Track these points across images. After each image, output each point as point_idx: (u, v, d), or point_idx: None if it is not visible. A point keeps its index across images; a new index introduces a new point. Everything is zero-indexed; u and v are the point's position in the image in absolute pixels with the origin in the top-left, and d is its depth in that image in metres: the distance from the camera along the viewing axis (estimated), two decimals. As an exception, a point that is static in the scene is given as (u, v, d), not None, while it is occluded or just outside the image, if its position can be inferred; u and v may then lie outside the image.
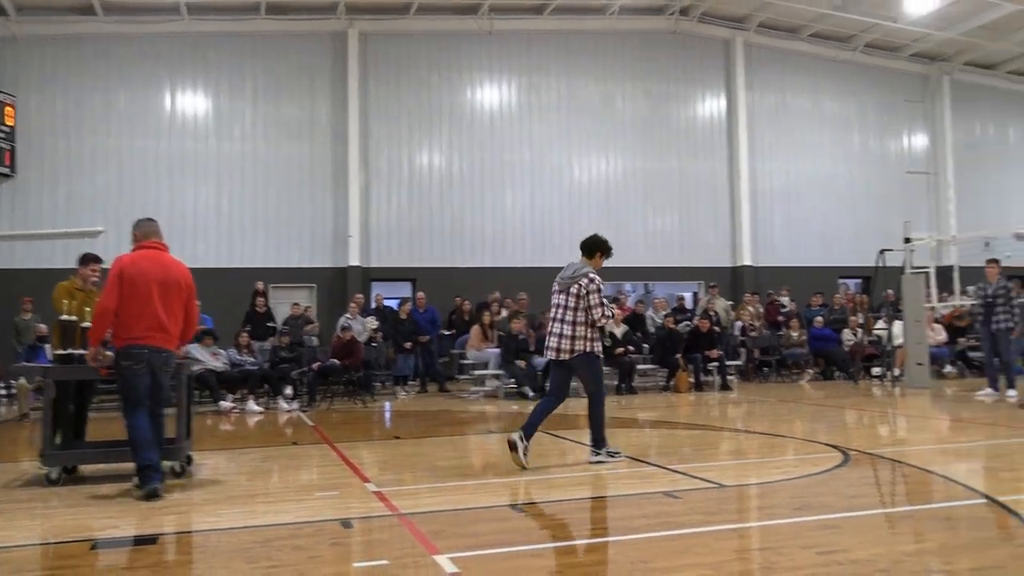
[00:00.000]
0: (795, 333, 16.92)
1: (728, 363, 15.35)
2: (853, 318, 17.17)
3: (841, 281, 21.15)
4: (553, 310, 7.23)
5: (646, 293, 23.69)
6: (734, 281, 20.30)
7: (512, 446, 6.92)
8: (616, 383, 14.30)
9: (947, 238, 18.24)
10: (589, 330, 7.08)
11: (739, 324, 17.01)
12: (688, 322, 16.34)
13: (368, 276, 17.90)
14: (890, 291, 17.01)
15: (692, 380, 14.67)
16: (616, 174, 20.14)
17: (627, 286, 23.38)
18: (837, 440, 8.49)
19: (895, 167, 22.25)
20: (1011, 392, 12.15)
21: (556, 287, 7.25)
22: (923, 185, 22.48)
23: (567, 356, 7.11)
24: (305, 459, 7.86)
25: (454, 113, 19.13)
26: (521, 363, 13.66)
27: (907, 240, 15.00)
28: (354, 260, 17.35)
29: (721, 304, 17.48)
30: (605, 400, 7.20)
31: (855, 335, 16.77)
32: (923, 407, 12.18)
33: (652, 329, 16.09)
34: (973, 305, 17.17)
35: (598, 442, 7.20)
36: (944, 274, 15.84)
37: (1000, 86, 23.40)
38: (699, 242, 20.40)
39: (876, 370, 15.93)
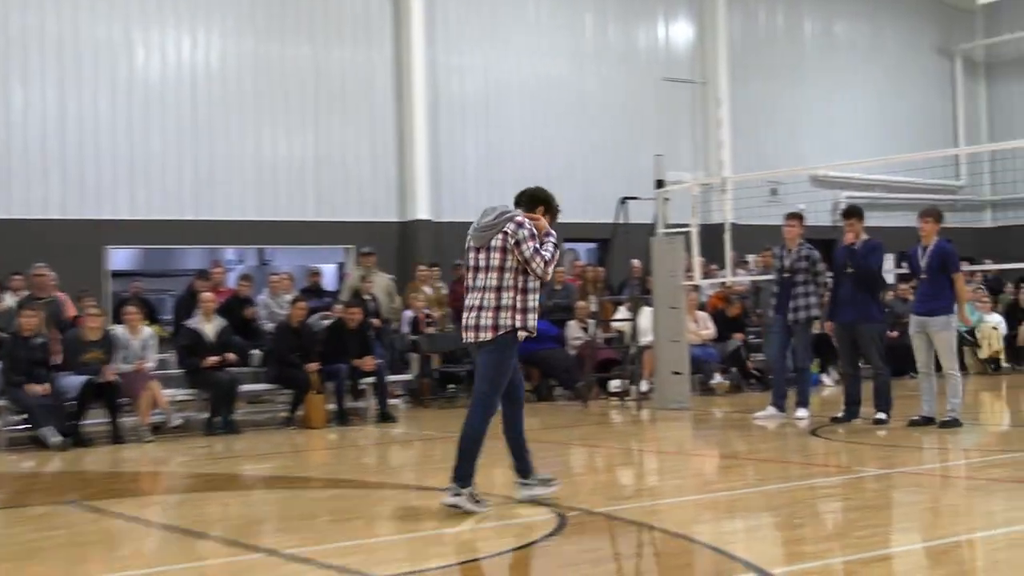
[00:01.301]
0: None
1: (391, 378, 15.50)
2: (582, 304, 17.96)
3: (567, 246, 22.09)
4: (469, 276, 7.92)
5: (259, 265, 23.17)
6: (403, 246, 20.47)
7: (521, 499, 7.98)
8: (208, 415, 13.82)
9: (716, 180, 19.62)
10: (520, 298, 7.78)
11: (409, 314, 17.14)
12: (327, 312, 16.29)
13: None
14: (636, 261, 17.91)
15: (333, 407, 14.62)
16: (207, 63, 19.36)
17: (228, 253, 22.78)
18: (562, 493, 8.65)
19: (646, 73, 23.70)
20: (801, 412, 13.28)
21: (470, 242, 7.97)
22: (685, 101, 24.18)
23: (488, 335, 7.76)
24: None
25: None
26: (37, 388, 12.69)
27: (659, 184, 15.86)
28: None
29: (382, 283, 17.56)
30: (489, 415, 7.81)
31: (584, 330, 17.52)
32: (681, 438, 12.92)
33: (266, 325, 15.72)
34: (757, 284, 18.75)
35: (462, 476, 7.76)
36: (715, 235, 17.00)
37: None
38: (345, 182, 20.30)
39: (615, 383, 16.73)
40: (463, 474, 7.77)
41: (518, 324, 7.78)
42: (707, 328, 17.51)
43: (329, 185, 20.26)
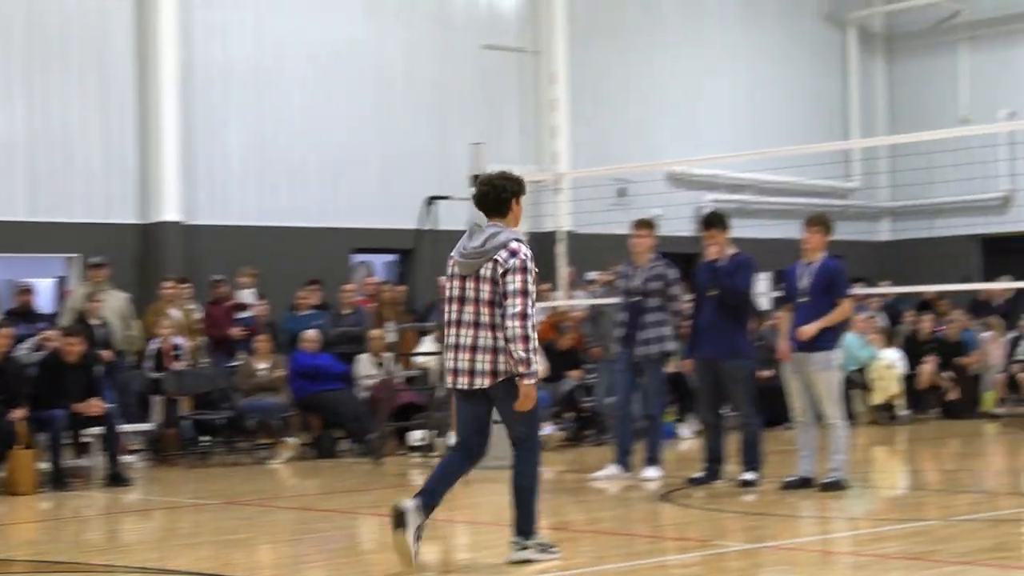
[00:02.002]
0: (265, 364, 17.29)
1: (125, 428, 15.37)
2: (376, 333, 18.02)
3: (358, 259, 22.04)
4: (452, 309, 8.81)
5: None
6: (146, 257, 20.18)
7: (399, 519, 8.52)
8: None
9: (549, 176, 19.88)
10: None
11: (155, 345, 17.03)
12: (40, 341, 16.10)
13: None
14: (445, 279, 17.98)
15: (47, 466, 14.42)
16: None
17: None
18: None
19: (463, 39, 23.85)
20: (650, 472, 13.54)
21: (454, 269, 8.82)
22: (512, 76, 24.46)
23: (486, 382, 8.72)
24: None
25: None
26: None
27: (477, 180, 15.88)
28: None
29: (115, 303, 17.38)
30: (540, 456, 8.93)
31: (379, 367, 17.55)
32: (500, 504, 12.90)
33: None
34: (600, 309, 19.05)
35: (526, 529, 8.89)
36: (546, 246, 17.27)
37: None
38: (66, 170, 19.93)
39: (418, 434, 16.87)
40: (526, 527, 8.90)
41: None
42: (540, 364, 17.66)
43: (46, 174, 19.83)
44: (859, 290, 19.67)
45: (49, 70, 19.92)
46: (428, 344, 17.67)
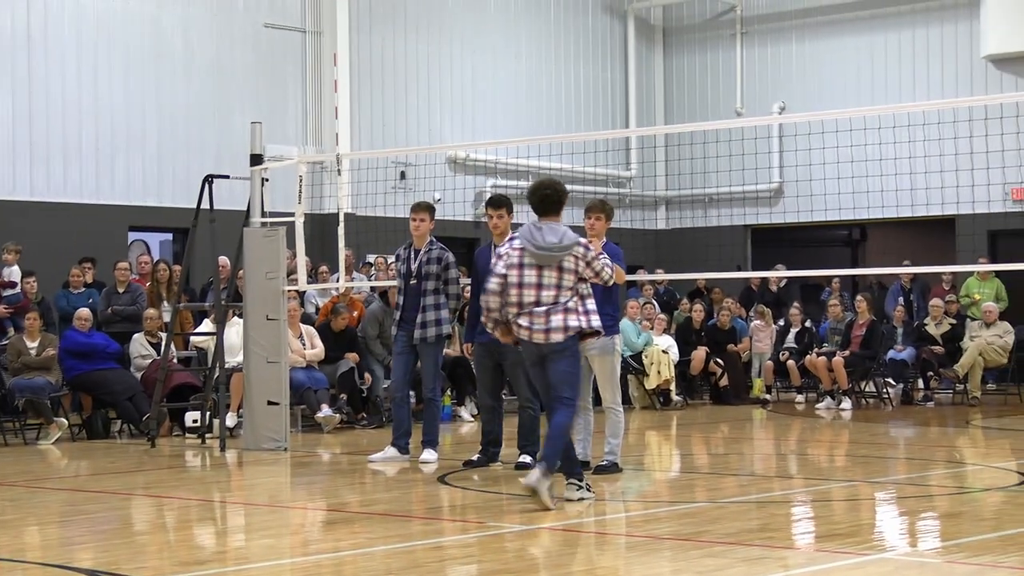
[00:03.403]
0: (35, 342, 16.96)
1: None
2: (151, 312, 17.79)
3: (134, 237, 21.73)
4: (528, 293, 10.64)
5: None
6: None
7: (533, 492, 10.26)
8: None
9: (330, 157, 19.78)
10: (582, 302, 10.72)
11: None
12: None
13: None
14: (224, 259, 17.86)
15: None
16: None
17: None
18: (112, 558, 8.69)
19: (244, 17, 23.56)
20: (428, 454, 13.57)
21: (524, 259, 10.66)
22: (294, 56, 24.28)
23: (561, 337, 10.58)
24: None
25: None
26: None
27: (256, 159, 15.89)
28: None
29: None
30: None
31: (154, 347, 17.37)
32: (276, 486, 13.13)
33: None
34: (381, 292, 19.03)
35: (578, 472, 10.85)
36: (328, 228, 17.19)
37: None
38: None
39: (193, 416, 16.65)
40: (574, 469, 10.74)
41: (583, 325, 10.59)
42: (314, 347, 17.64)
43: None
44: (641, 277, 20.05)
45: None
46: (206, 325, 17.46)
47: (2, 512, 11.17)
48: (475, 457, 13.15)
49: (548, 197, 10.77)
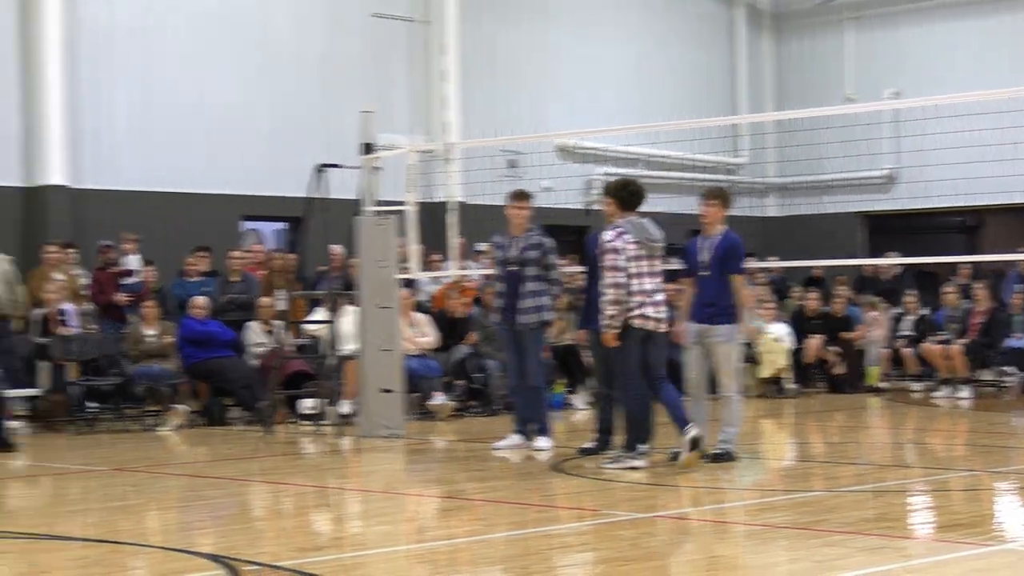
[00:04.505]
0: (153, 330, 17.16)
1: (10, 393, 15.14)
2: (266, 300, 17.90)
3: (247, 226, 21.89)
4: (645, 279, 11.70)
5: None
6: (29, 221, 19.92)
7: (695, 444, 11.67)
8: None
9: (439, 146, 19.82)
10: None
11: (42, 310, 16.95)
12: None
13: None
14: (337, 247, 17.94)
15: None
16: None
17: None
18: (231, 544, 8.74)
19: (353, 7, 23.66)
20: (542, 442, 13.56)
21: (644, 251, 11.76)
22: (402, 44, 24.34)
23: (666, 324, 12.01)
24: None
25: None
26: None
27: (367, 148, 15.94)
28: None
29: (-1, 268, 17.12)
30: None
31: (269, 335, 17.46)
32: (391, 473, 13.11)
33: None
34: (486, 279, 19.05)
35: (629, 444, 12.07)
36: (437, 217, 17.22)
37: None
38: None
39: (309, 403, 16.78)
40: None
41: None
42: (427, 335, 17.70)
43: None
44: (754, 264, 19.89)
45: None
46: (319, 313, 17.58)
47: (124, 497, 11.37)
48: (589, 444, 13.11)
49: (639, 192, 11.97)
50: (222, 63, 22.01)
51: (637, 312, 11.51)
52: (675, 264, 13.17)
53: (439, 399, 17.37)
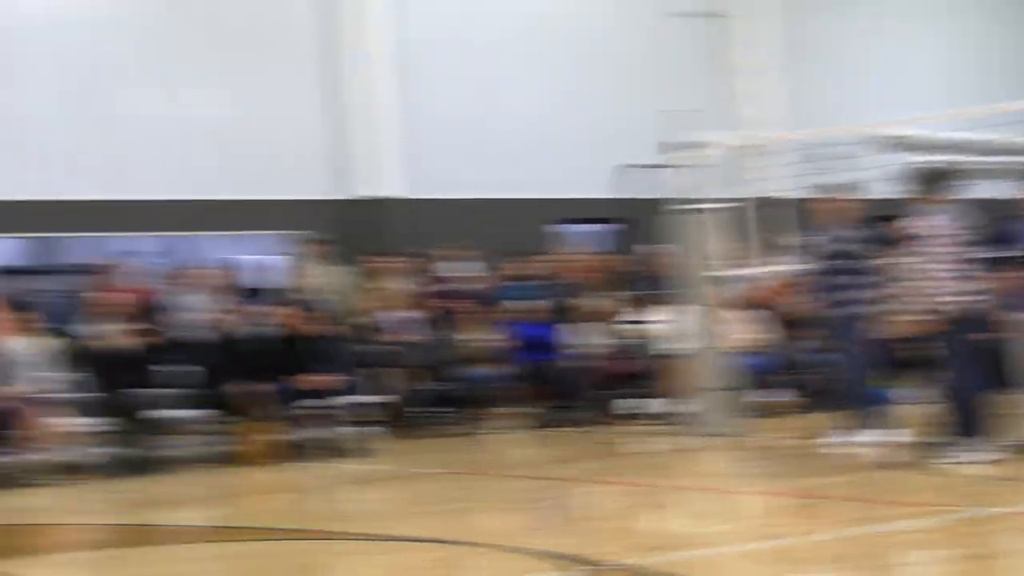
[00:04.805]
0: (486, 335, 17.46)
1: (360, 400, 15.52)
2: (589, 304, 18.03)
3: (570, 229, 22.04)
4: (976, 266, 11.75)
5: (165, 258, 22.80)
6: (343, 229, 20.36)
7: None
8: (119, 450, 13.96)
9: (759, 141, 19.62)
10: None
11: (384, 318, 17.34)
12: (269, 316, 16.17)
13: None
14: (665, 247, 18.04)
15: (283, 437, 14.72)
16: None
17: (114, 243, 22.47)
18: (573, 544, 8.75)
19: (650, 5, 23.85)
20: (866, 435, 13.33)
21: (970, 237, 11.84)
22: (699, 40, 24.30)
23: None
24: None
25: None
26: None
27: (687, 146, 15.86)
28: None
29: (337, 278, 17.73)
30: None
31: (603, 336, 17.66)
32: (726, 471, 13.20)
33: (182, 333, 15.78)
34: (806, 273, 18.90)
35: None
36: (757, 214, 17.14)
37: None
38: (273, 152, 20.44)
39: (633, 403, 17.03)
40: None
41: None
42: (758, 331, 17.73)
43: (249, 154, 20.27)
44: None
45: (267, 56, 20.55)
46: (641, 312, 17.76)
47: (467, 499, 11.64)
48: (930, 439, 12.89)
49: (956, 178, 12.19)
50: (540, 70, 22.50)
51: (968, 299, 11.36)
52: (998, 251, 12.89)
53: (775, 395, 17.31)
